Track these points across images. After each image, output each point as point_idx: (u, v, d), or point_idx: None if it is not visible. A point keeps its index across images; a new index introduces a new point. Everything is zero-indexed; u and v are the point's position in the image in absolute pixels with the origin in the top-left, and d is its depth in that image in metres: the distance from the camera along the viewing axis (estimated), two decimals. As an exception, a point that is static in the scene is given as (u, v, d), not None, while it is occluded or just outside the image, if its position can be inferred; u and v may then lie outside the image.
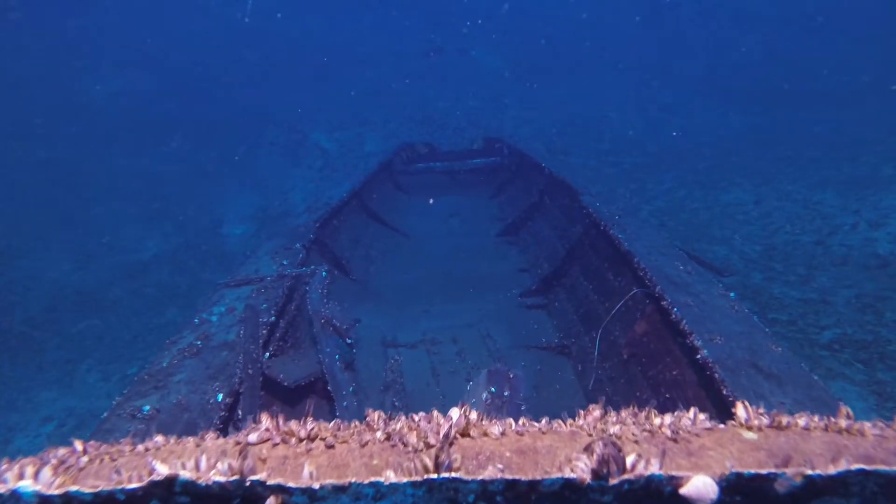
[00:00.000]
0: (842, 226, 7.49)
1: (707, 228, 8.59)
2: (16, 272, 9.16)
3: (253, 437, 1.18)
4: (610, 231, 4.31)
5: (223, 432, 2.42)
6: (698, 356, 2.54)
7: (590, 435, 1.21)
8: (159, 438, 1.22)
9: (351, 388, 3.06)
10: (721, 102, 15.76)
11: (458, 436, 1.18)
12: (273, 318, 3.28)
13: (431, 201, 8.79)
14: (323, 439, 1.17)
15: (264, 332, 3.12)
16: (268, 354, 3.32)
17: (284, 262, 4.14)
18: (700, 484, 1.08)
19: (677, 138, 13.51)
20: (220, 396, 2.43)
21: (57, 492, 1.07)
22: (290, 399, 3.48)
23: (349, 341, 3.35)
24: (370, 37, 21.82)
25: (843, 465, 1.09)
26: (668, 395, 3.23)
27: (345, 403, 2.99)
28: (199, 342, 2.96)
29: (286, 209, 10.52)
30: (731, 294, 3.21)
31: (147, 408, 2.38)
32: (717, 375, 2.34)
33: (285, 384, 3.13)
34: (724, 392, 2.23)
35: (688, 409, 3.07)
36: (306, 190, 11.43)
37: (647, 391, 3.50)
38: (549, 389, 4.31)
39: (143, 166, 12.37)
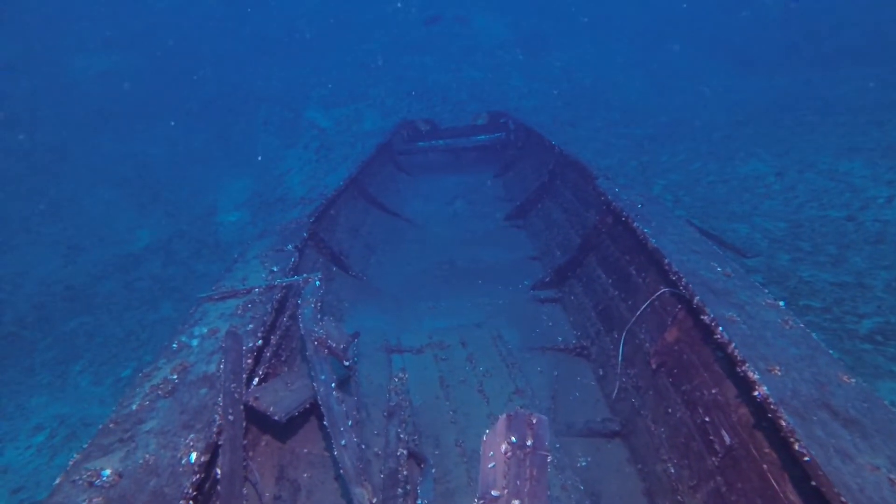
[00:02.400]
0: (875, 199, 6.98)
1: (726, 204, 8.11)
2: (2, 268, 8.80)
3: None
4: (633, 224, 3.87)
5: (194, 502, 2.06)
6: (756, 393, 2.13)
7: None
8: None
9: (350, 423, 2.69)
10: (734, 65, 15.02)
11: None
12: (260, 342, 2.90)
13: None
14: None
15: (249, 361, 2.74)
16: (257, 380, 2.95)
17: (274, 269, 3.72)
18: None
19: (689, 105, 12.86)
20: (193, 457, 2.06)
21: None
22: (284, 429, 3.13)
23: (347, 363, 2.97)
24: (365, 7, 20.89)
25: None
26: (707, 419, 2.84)
27: (343, 441, 2.63)
28: (174, 376, 2.58)
29: (282, 193, 10.08)
30: (781, 303, 2.78)
31: (107, 472, 2.02)
32: (783, 423, 1.93)
33: (275, 419, 2.77)
34: (798, 448, 1.83)
35: (733, 438, 2.69)
36: (303, 172, 10.95)
37: (682, 408, 3.13)
38: (568, 398, 3.96)
39: (133, 150, 11.87)
